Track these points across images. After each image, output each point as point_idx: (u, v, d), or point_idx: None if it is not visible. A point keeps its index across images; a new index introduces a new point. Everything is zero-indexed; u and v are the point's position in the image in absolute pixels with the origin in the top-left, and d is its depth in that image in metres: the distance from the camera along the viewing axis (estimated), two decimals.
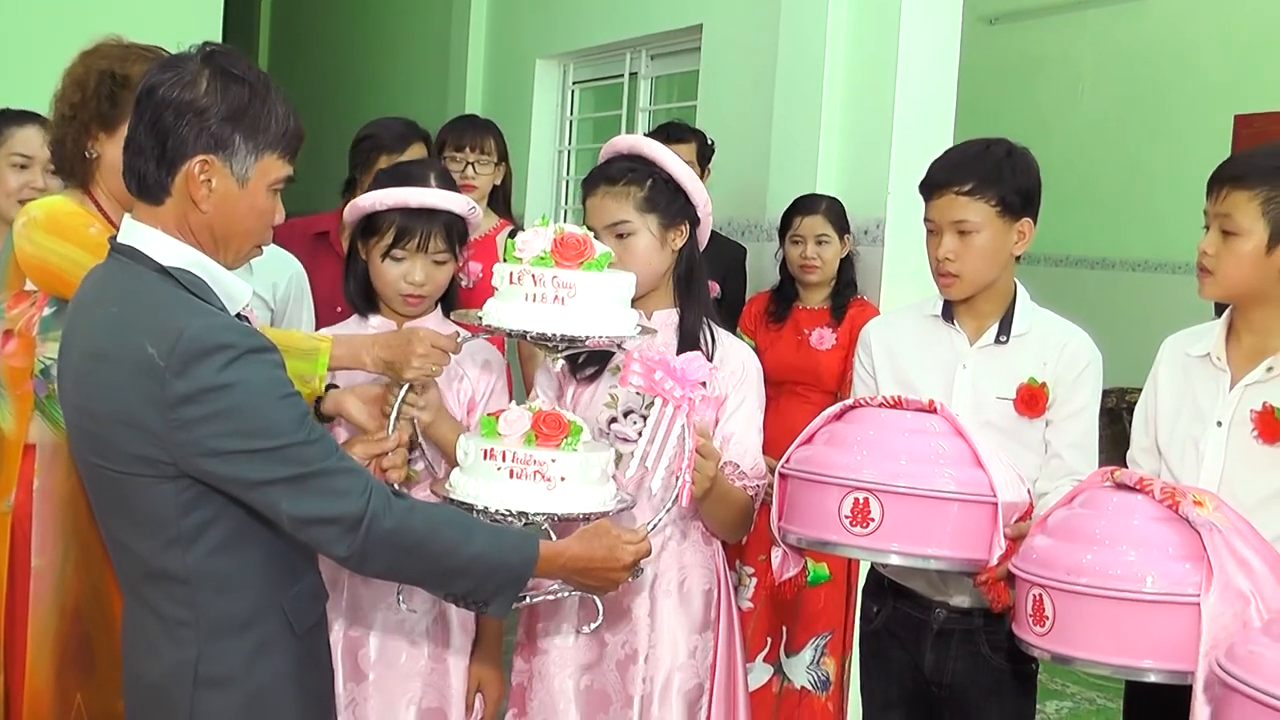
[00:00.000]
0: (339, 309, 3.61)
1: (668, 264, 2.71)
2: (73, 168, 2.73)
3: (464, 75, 6.80)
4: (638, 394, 2.62)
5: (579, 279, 2.27)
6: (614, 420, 2.69)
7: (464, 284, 4.17)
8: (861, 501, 2.36)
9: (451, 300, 2.89)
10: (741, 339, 3.96)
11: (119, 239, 2.09)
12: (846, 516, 2.37)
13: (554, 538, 2.33)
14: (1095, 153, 7.87)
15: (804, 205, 4.35)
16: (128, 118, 2.46)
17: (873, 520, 2.36)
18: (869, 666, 2.93)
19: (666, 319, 2.71)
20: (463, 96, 6.75)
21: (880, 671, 2.89)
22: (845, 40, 4.44)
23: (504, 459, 2.29)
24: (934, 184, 2.71)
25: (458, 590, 2.17)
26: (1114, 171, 7.87)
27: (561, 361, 2.58)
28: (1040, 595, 2.23)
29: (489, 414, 2.40)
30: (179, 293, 2.02)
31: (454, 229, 2.78)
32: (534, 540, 2.19)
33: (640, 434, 2.59)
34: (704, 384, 2.30)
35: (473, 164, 4.27)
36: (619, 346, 2.40)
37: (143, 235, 2.06)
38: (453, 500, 2.32)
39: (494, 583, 2.15)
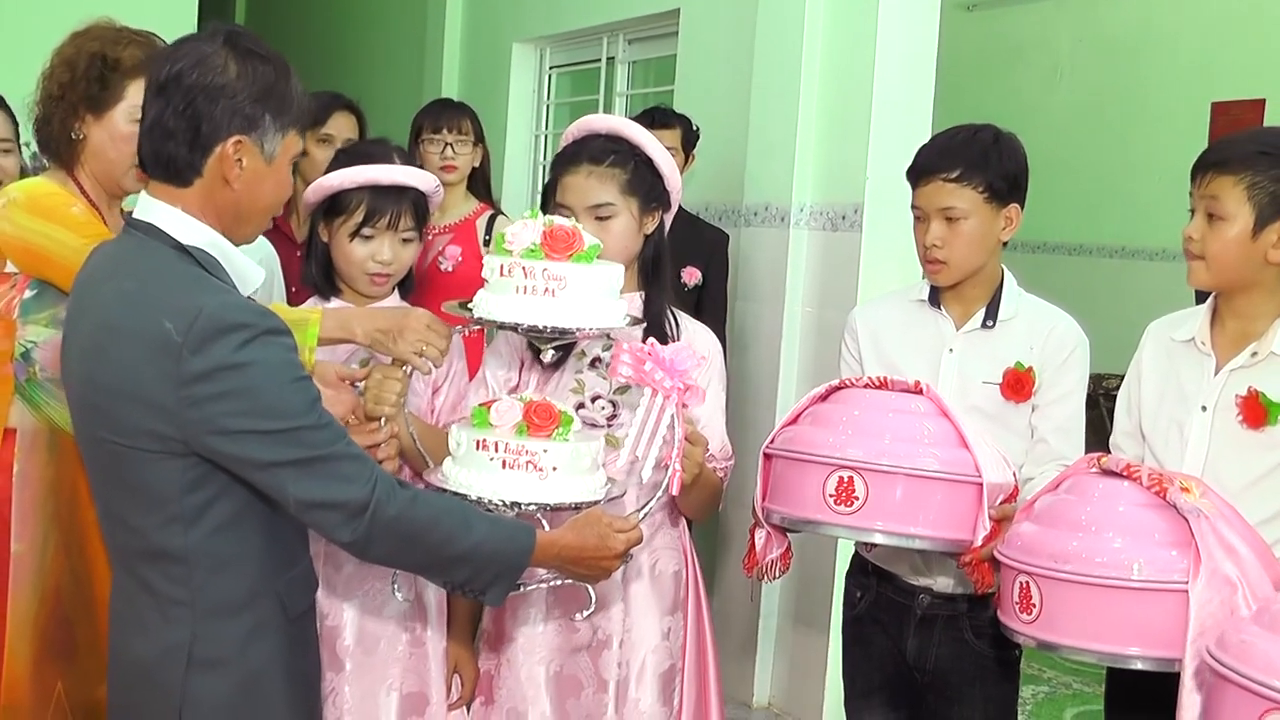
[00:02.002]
0: (292, 289, 3.64)
1: (638, 248, 2.71)
2: (58, 148, 2.73)
3: (440, 60, 6.78)
4: (606, 379, 2.66)
5: (569, 271, 2.27)
6: (581, 406, 2.67)
7: (443, 267, 4.18)
8: (846, 480, 2.37)
9: (408, 284, 2.88)
10: None
11: (135, 215, 2.11)
12: (831, 495, 2.38)
13: (546, 527, 2.33)
14: (1073, 139, 7.90)
15: None
16: (118, 101, 2.54)
17: (857, 499, 2.37)
18: (851, 652, 2.93)
19: (631, 303, 2.68)
20: (439, 81, 6.71)
21: (862, 657, 2.89)
22: (824, 25, 4.44)
23: (496, 449, 2.29)
24: (921, 170, 2.71)
25: (456, 578, 2.19)
26: (1092, 158, 7.90)
27: (551, 352, 2.58)
28: (1027, 582, 2.24)
29: (480, 404, 2.40)
30: (196, 271, 2.05)
31: (420, 209, 2.78)
32: (531, 530, 2.22)
33: (610, 420, 2.64)
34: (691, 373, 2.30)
35: (451, 144, 4.28)
36: (609, 337, 2.41)
37: (162, 213, 2.08)
38: (445, 490, 2.32)
39: (492, 571, 2.17)
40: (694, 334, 2.74)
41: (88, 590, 2.64)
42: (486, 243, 4.29)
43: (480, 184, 4.44)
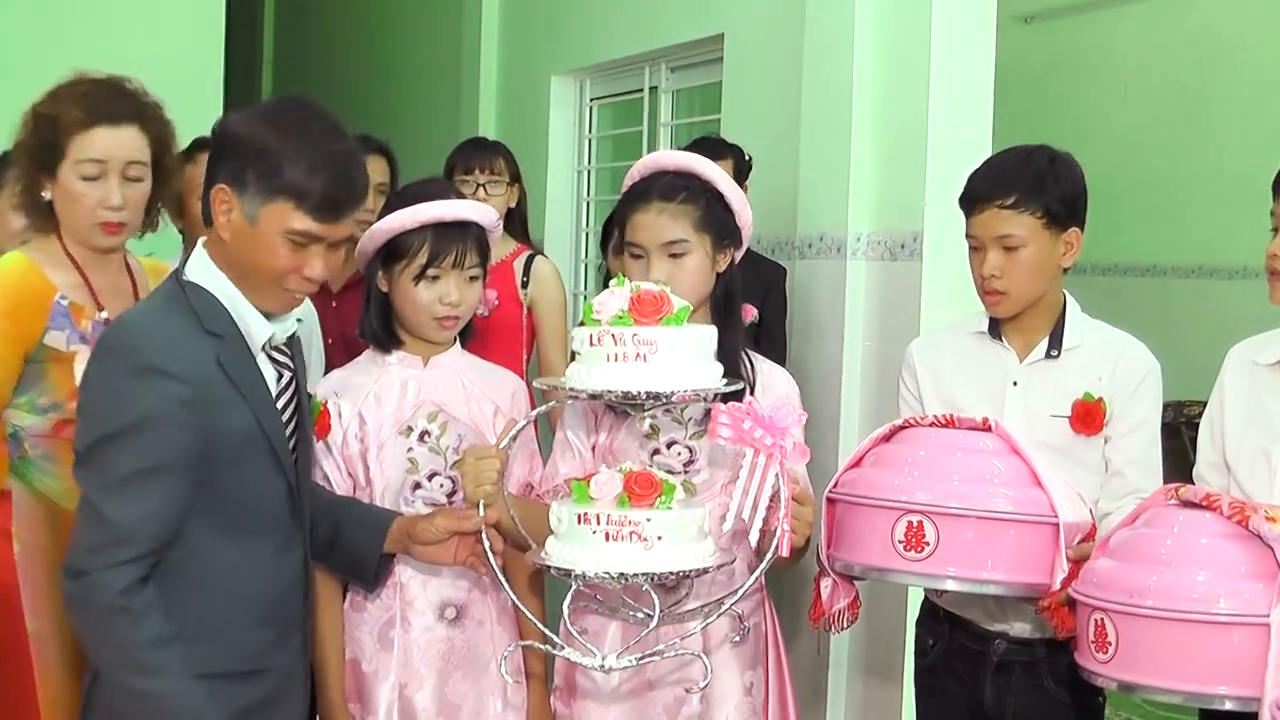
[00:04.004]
0: (329, 341, 3.70)
1: (710, 286, 2.73)
2: (36, 211, 2.87)
3: (476, 95, 6.81)
4: (681, 425, 2.72)
5: (659, 335, 2.33)
6: (657, 452, 2.72)
7: (480, 312, 4.20)
8: (915, 524, 2.38)
9: (468, 331, 2.92)
10: None
11: None
12: (900, 541, 2.39)
13: (655, 598, 2.38)
14: (1140, 155, 7.84)
15: None
16: (62, 159, 2.75)
17: (927, 544, 2.38)
18: (924, 702, 2.93)
19: None
20: (475, 117, 6.75)
21: (936, 707, 2.89)
22: (874, 45, 4.43)
23: (598, 522, 2.33)
24: (975, 198, 2.71)
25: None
26: (1161, 174, 7.84)
27: (649, 420, 2.66)
28: (1102, 620, 2.24)
29: (578, 479, 2.45)
30: (174, 301, 2.38)
31: (482, 243, 2.83)
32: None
33: (686, 465, 2.69)
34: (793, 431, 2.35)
35: (484, 185, 4.31)
36: (706, 399, 2.45)
37: (194, 254, 2.40)
38: (550, 568, 2.38)
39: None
40: (770, 375, 2.79)
41: None
42: (524, 284, 4.31)
43: (517, 224, 4.47)
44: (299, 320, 2.52)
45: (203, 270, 2.38)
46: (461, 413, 2.82)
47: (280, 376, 2.49)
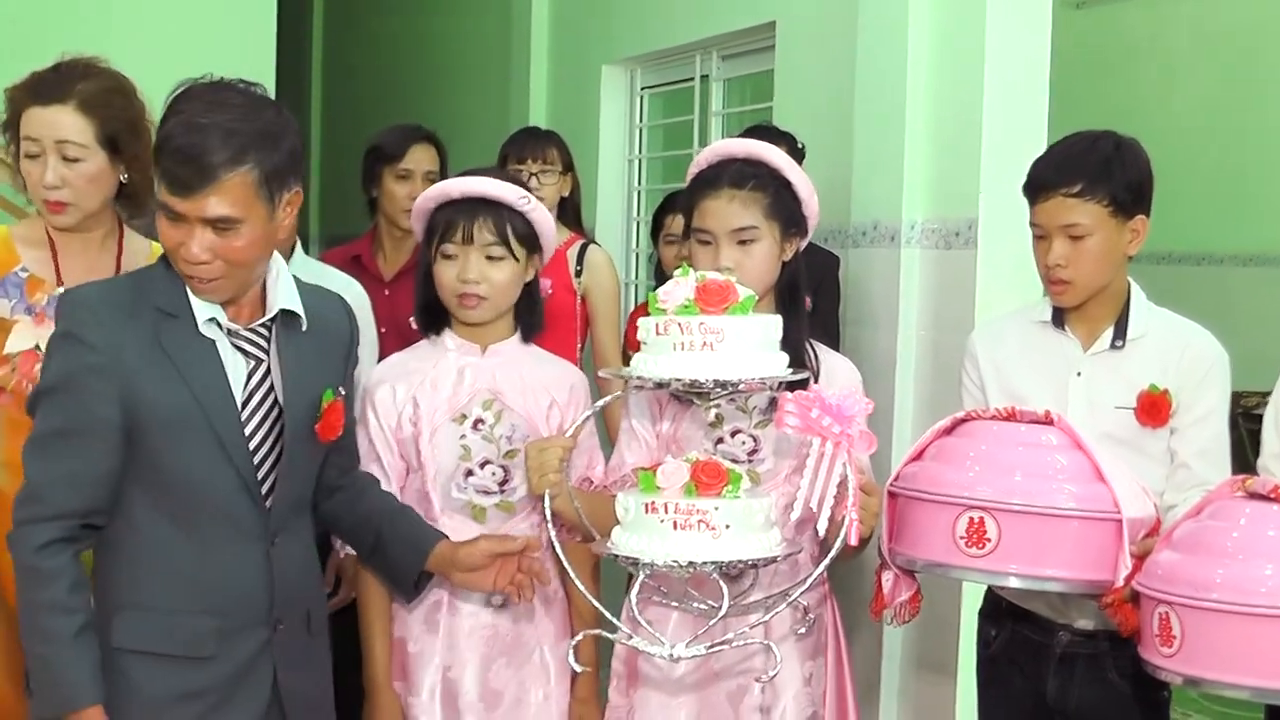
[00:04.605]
0: (382, 330, 3.71)
1: (776, 275, 2.72)
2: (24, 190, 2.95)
3: (526, 86, 6.79)
4: (746, 413, 2.70)
5: (726, 324, 2.33)
6: (720, 441, 2.71)
7: None
8: (977, 521, 2.36)
9: (535, 322, 2.89)
10: (630, 358, 3.98)
11: None
12: (961, 537, 2.38)
13: (723, 587, 2.37)
14: (1196, 140, 7.75)
15: (675, 202, 4.34)
16: (16, 140, 2.80)
17: (989, 540, 2.35)
18: (987, 695, 2.90)
19: None
20: (525, 108, 6.73)
21: (999, 699, 2.86)
22: (928, 30, 4.39)
23: (666, 511, 2.33)
24: (1039, 186, 2.67)
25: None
26: (1218, 159, 7.75)
27: (715, 409, 2.64)
28: (1166, 613, 2.21)
29: (644, 468, 2.46)
30: (135, 278, 2.53)
31: (512, 226, 2.78)
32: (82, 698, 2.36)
33: (750, 454, 2.68)
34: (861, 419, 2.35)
35: (536, 175, 4.29)
36: (772, 388, 2.46)
37: None
38: (617, 557, 2.39)
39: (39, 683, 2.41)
40: (834, 366, 2.79)
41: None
42: (578, 274, 4.30)
43: (570, 214, 4.46)
44: (287, 313, 2.51)
45: None
46: (517, 403, 2.82)
47: (252, 367, 2.47)
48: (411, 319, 3.02)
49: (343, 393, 2.59)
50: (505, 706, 2.80)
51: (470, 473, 2.79)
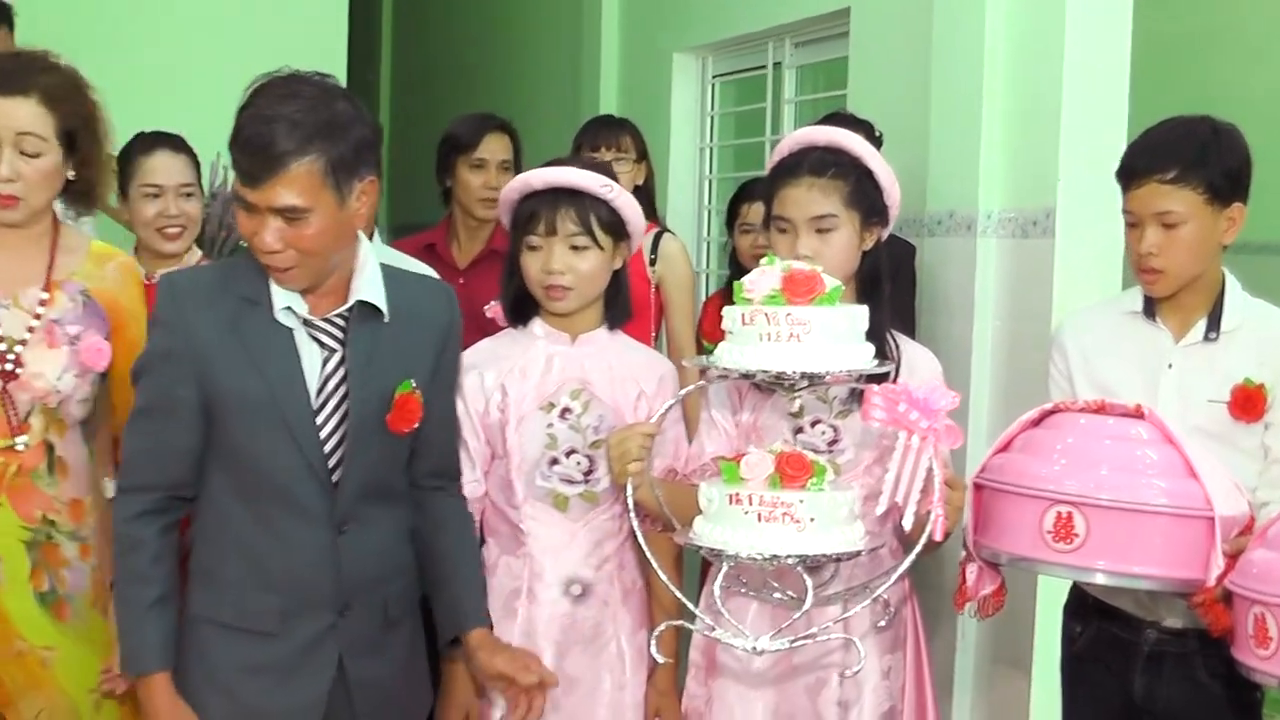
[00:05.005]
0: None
1: (856, 264, 2.67)
2: None
3: (597, 74, 6.76)
4: (826, 403, 2.68)
5: (813, 315, 2.31)
6: (800, 431, 2.69)
7: None
8: (1065, 516, 2.31)
9: (621, 311, 2.87)
10: (705, 347, 3.96)
11: None
12: (1049, 532, 2.33)
13: (807, 581, 2.34)
14: (1276, 126, 7.59)
15: (752, 190, 4.31)
16: None
17: (1077, 536, 2.31)
18: (1072, 692, 2.85)
19: None
20: (596, 97, 6.71)
21: (1084, 697, 2.81)
22: (1006, 16, 4.32)
23: (751, 502, 2.31)
24: (1133, 172, 2.60)
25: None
26: None
27: (800, 400, 2.62)
28: (1262, 614, 2.16)
29: (727, 459, 2.43)
30: (227, 266, 2.63)
31: (595, 215, 2.75)
32: (155, 664, 2.50)
33: (830, 445, 2.66)
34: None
35: (610, 163, 4.25)
36: (858, 380, 2.43)
37: None
38: (700, 548, 2.37)
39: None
40: (914, 356, 2.76)
41: None
42: (653, 263, 4.26)
43: (645, 202, 4.40)
44: (363, 304, 2.51)
45: None
46: (605, 393, 2.81)
47: (326, 356, 2.50)
48: (486, 308, 3.01)
49: (414, 385, 2.56)
50: (580, 694, 2.80)
51: (555, 461, 2.78)
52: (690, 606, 2.53)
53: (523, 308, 2.85)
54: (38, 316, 2.70)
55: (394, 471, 2.62)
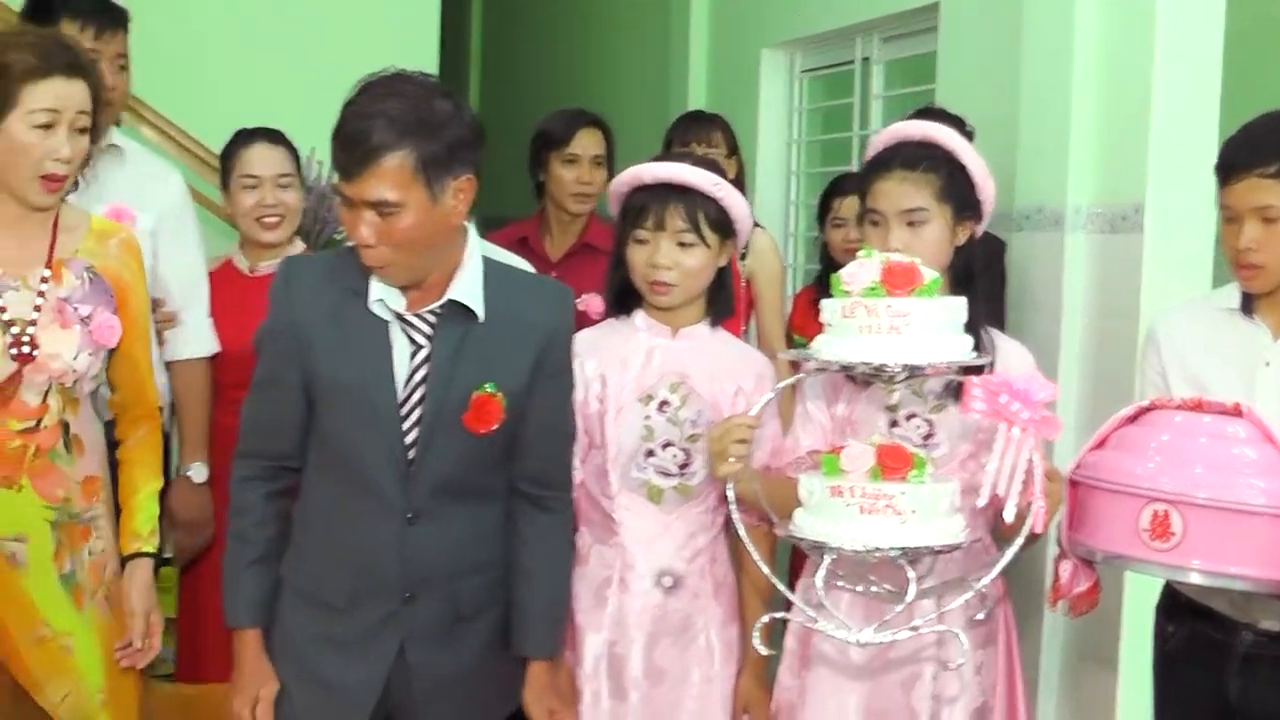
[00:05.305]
0: None
1: (949, 259, 2.66)
2: None
3: (685, 70, 6.76)
4: (921, 396, 2.67)
5: (913, 306, 2.30)
6: (895, 424, 2.68)
7: None
8: (1161, 514, 2.28)
9: (724, 307, 2.88)
10: (795, 341, 3.92)
11: None
12: (1145, 529, 2.30)
13: (910, 573, 2.33)
14: None
15: (843, 185, 4.31)
16: (12, 108, 2.60)
17: (1173, 534, 2.28)
18: (1164, 692, 2.81)
19: None
20: (685, 92, 6.70)
21: (1176, 698, 2.77)
22: (1097, 10, 4.27)
23: (852, 494, 2.31)
24: (1231, 166, 2.56)
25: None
26: None
27: (898, 393, 2.61)
28: None
29: (828, 452, 2.44)
30: (339, 256, 2.66)
31: (704, 212, 2.75)
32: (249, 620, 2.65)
33: (925, 439, 2.64)
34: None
35: (718, 161, 4.25)
36: (958, 372, 2.43)
37: None
38: (801, 540, 2.38)
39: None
40: (1008, 350, 2.74)
41: None
42: (743, 256, 4.26)
43: None
44: (455, 303, 2.54)
45: None
46: (704, 387, 2.81)
47: (415, 351, 2.53)
48: (578, 300, 3.02)
49: (496, 388, 2.56)
50: (669, 685, 2.80)
51: (651, 453, 2.79)
52: (792, 597, 2.53)
53: (626, 298, 2.86)
54: (42, 294, 2.70)
55: (477, 470, 2.62)
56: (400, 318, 2.53)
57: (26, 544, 2.70)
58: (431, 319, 2.54)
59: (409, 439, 2.53)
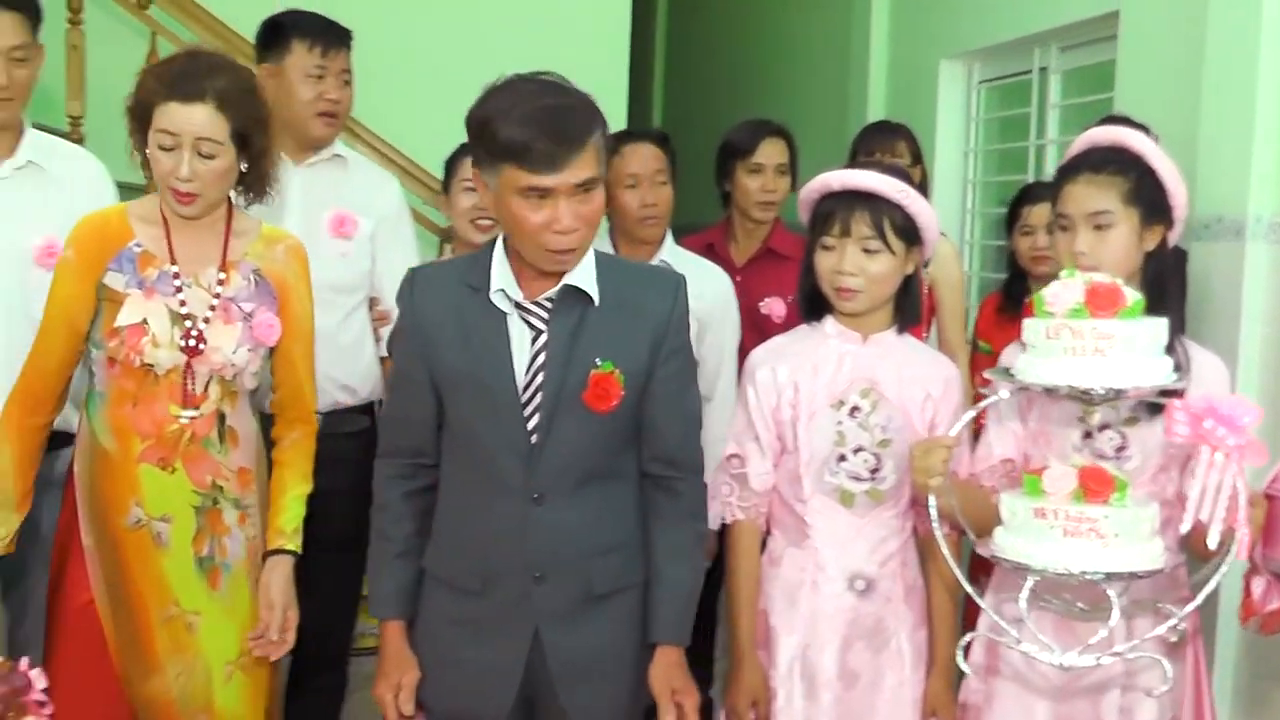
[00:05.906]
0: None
1: (1138, 264, 2.63)
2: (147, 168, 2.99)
3: (865, 80, 6.76)
4: (1115, 409, 2.63)
5: (1118, 329, 2.29)
6: (1088, 435, 2.67)
7: None
8: None
9: (911, 312, 2.88)
10: (980, 348, 3.84)
11: None
12: None
13: (1113, 597, 2.31)
14: None
15: (1033, 193, 4.25)
16: (149, 126, 2.83)
17: None
18: None
19: None
20: (864, 102, 6.70)
21: None
22: None
23: (1056, 517, 2.30)
24: None
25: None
26: None
27: (1099, 415, 2.58)
28: None
29: (1030, 472, 2.42)
30: (465, 258, 2.79)
31: (889, 218, 2.77)
32: (392, 613, 2.74)
33: (1118, 451, 2.62)
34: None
35: (906, 169, 4.27)
36: (1161, 395, 2.39)
37: None
38: (1003, 560, 2.36)
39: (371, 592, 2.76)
40: (1202, 362, 2.69)
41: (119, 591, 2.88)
42: (925, 265, 4.26)
43: None
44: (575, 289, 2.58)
45: (502, 236, 2.61)
46: (893, 393, 2.82)
47: (535, 336, 2.58)
48: (761, 304, 3.06)
49: (614, 366, 2.58)
50: (861, 687, 2.82)
51: (843, 458, 2.81)
52: (994, 615, 2.50)
53: (816, 305, 2.89)
54: (216, 295, 2.87)
55: (603, 452, 2.64)
56: (519, 306, 2.59)
57: (171, 524, 2.85)
58: (548, 305, 2.60)
59: (531, 423, 2.58)
